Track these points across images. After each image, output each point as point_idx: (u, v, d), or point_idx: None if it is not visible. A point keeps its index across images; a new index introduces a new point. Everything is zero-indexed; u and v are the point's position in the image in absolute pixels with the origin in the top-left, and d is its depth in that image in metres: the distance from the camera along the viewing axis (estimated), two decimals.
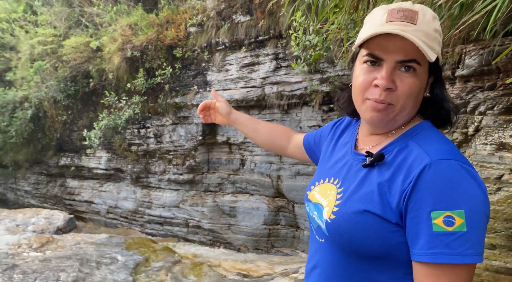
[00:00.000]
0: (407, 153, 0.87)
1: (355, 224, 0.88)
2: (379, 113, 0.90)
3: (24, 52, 9.22)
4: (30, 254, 3.56)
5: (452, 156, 0.82)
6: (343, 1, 1.78)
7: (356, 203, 0.89)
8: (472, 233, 0.77)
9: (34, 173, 10.76)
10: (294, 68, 5.15)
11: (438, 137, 0.90)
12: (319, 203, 1.00)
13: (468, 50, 2.19)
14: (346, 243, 0.91)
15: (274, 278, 3.09)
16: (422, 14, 0.88)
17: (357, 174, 0.95)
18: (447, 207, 0.77)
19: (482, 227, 0.80)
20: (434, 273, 0.79)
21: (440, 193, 0.78)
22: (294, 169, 6.73)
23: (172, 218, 8.16)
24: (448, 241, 0.77)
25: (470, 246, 0.77)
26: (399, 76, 0.88)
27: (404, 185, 0.83)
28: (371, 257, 0.88)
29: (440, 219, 0.77)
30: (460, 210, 0.77)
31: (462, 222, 0.76)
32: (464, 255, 0.76)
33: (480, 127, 1.95)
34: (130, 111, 7.84)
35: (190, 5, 7.41)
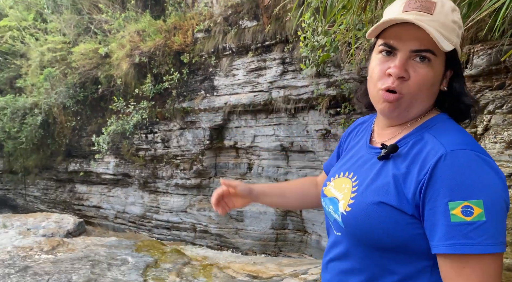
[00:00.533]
0: (423, 145, 0.87)
1: (371, 215, 0.87)
2: (390, 104, 0.90)
3: (34, 59, 9.37)
4: (42, 256, 3.61)
5: (469, 146, 0.82)
6: (351, 2, 1.81)
7: (371, 195, 0.89)
8: (492, 223, 0.76)
9: (43, 179, 10.87)
10: (301, 71, 5.18)
11: (454, 129, 0.89)
12: (335, 197, 1.01)
13: (476, 50, 2.20)
14: (362, 235, 0.90)
15: (284, 279, 3.09)
16: (441, 5, 0.87)
17: (372, 167, 0.94)
18: (465, 197, 0.76)
19: (502, 216, 0.79)
20: (458, 265, 0.78)
21: (457, 183, 0.77)
22: (301, 173, 6.74)
23: (179, 223, 8.19)
24: (467, 231, 0.76)
25: (490, 235, 0.76)
26: (413, 66, 0.88)
27: (420, 177, 0.82)
28: (387, 249, 0.88)
29: (458, 209, 0.76)
30: (479, 200, 0.76)
31: (481, 211, 0.76)
32: (484, 245, 0.76)
33: (489, 126, 1.95)
34: (138, 116, 7.91)
35: (197, 11, 7.50)
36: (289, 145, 6.75)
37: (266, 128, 6.98)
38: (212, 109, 7.42)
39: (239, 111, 7.11)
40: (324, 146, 6.34)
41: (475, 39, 2.28)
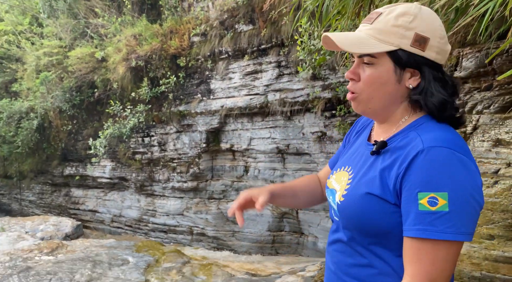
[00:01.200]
0: (408, 142, 0.96)
1: (359, 205, 0.98)
2: (353, 103, 1.06)
3: (30, 63, 9.39)
4: (42, 257, 3.64)
5: (446, 144, 0.90)
6: (345, 8, 1.90)
7: (361, 187, 1.00)
8: (455, 214, 0.85)
9: (39, 183, 10.85)
10: (297, 74, 5.27)
11: (438, 128, 0.97)
12: (334, 188, 1.12)
13: (465, 53, 2.30)
14: (352, 222, 1.01)
15: (282, 276, 3.16)
16: (386, 13, 0.99)
17: (366, 162, 1.05)
18: (432, 189, 0.86)
19: (468, 209, 0.87)
20: (416, 246, 0.88)
21: (427, 176, 0.87)
22: (297, 175, 6.81)
23: (176, 226, 8.22)
24: (431, 219, 0.86)
25: (451, 225, 0.85)
26: (362, 68, 1.02)
27: (400, 169, 0.92)
28: (375, 235, 0.98)
29: (425, 199, 0.86)
30: (444, 193, 0.85)
31: (445, 203, 0.85)
32: (443, 232, 0.85)
33: (477, 125, 2.04)
34: (135, 119, 7.96)
35: (193, 15, 7.58)
36: (285, 147, 6.83)
37: (262, 130, 7.06)
38: (209, 112, 7.49)
39: (236, 114, 7.18)
40: (320, 148, 6.43)
41: (464, 43, 2.38)
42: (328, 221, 6.25)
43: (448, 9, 1.61)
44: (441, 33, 1.00)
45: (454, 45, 2.25)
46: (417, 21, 0.97)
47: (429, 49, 0.98)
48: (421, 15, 0.98)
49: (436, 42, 0.98)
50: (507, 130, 1.83)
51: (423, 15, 0.98)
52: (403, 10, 0.98)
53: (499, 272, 1.75)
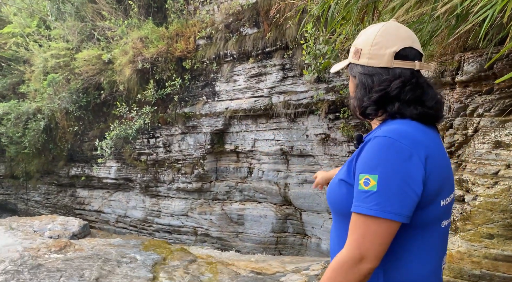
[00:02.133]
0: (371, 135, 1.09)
1: (334, 190, 1.14)
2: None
3: (38, 65, 9.51)
4: (52, 255, 3.72)
5: (390, 134, 1.01)
6: (350, 14, 1.96)
7: (337, 175, 1.16)
8: (381, 193, 0.97)
9: (45, 183, 10.96)
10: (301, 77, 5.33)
11: (397, 123, 1.07)
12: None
13: (467, 58, 2.36)
14: (332, 206, 1.17)
15: (286, 275, 3.21)
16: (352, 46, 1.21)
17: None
18: (366, 171, 1.00)
19: (396, 191, 0.97)
20: (353, 220, 1.01)
21: (365, 160, 1.01)
22: (301, 177, 6.86)
23: (180, 227, 8.29)
24: (363, 197, 0.99)
25: (377, 203, 0.97)
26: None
27: (354, 155, 1.08)
28: (347, 215, 1.07)
29: (362, 180, 1.00)
30: (375, 175, 0.98)
31: (374, 184, 0.98)
32: (369, 209, 0.97)
33: (478, 128, 2.10)
34: (141, 121, 8.04)
35: (199, 19, 7.67)
36: (289, 149, 6.88)
37: (266, 132, 7.12)
38: (213, 114, 7.56)
39: (240, 116, 7.25)
40: (324, 150, 6.48)
41: (465, 47, 2.44)
42: (331, 222, 6.30)
43: (449, 16, 1.67)
44: (373, 41, 1.13)
45: (455, 50, 2.30)
46: (359, 38, 1.17)
47: (362, 57, 1.15)
48: (365, 32, 1.17)
49: (367, 50, 1.13)
50: (506, 133, 1.88)
51: (366, 31, 1.16)
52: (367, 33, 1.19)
53: (498, 270, 1.80)
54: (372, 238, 0.98)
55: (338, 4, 2.12)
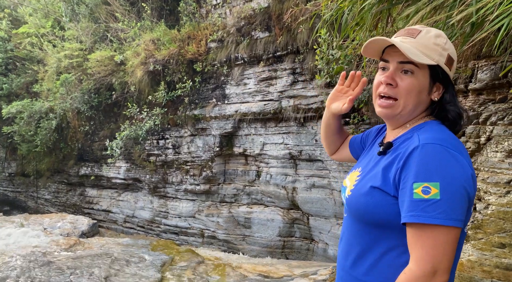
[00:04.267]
0: (409, 142, 1.07)
1: (363, 197, 1.10)
2: (385, 109, 1.14)
3: (51, 65, 9.66)
4: (62, 253, 3.77)
5: (439, 142, 1.01)
6: (363, 20, 1.97)
7: (366, 182, 1.13)
8: (445, 201, 0.95)
9: (55, 182, 11.09)
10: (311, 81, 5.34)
11: (438, 130, 1.08)
12: (345, 185, 1.26)
13: (481, 65, 2.35)
14: (357, 213, 1.14)
15: (294, 279, 3.21)
16: (425, 32, 1.11)
17: (373, 161, 1.19)
18: (425, 179, 0.97)
19: (459, 198, 0.97)
20: (417, 233, 0.97)
21: (421, 168, 0.98)
22: (309, 181, 6.85)
23: (187, 228, 8.31)
24: (424, 206, 0.96)
25: (442, 211, 0.95)
26: (400, 76, 1.11)
27: (399, 164, 1.04)
28: (376, 224, 1.09)
29: (419, 189, 0.97)
30: (436, 182, 0.96)
31: (437, 192, 0.95)
32: (436, 218, 0.95)
33: (491, 136, 2.09)
34: (151, 122, 8.11)
35: (211, 22, 7.73)
36: (297, 153, 6.88)
37: (275, 136, 7.13)
38: (223, 116, 7.60)
39: (249, 119, 7.28)
40: None
41: (479, 55, 2.43)
42: (339, 228, 6.27)
43: (464, 24, 1.67)
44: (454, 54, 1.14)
45: (469, 58, 2.30)
46: (449, 44, 1.12)
47: (452, 70, 1.13)
48: (448, 40, 1.13)
49: (455, 65, 1.14)
50: None
51: (449, 41, 1.13)
52: (438, 32, 1.12)
53: (509, 280, 1.78)
54: (443, 249, 0.96)
55: (352, 10, 2.13)
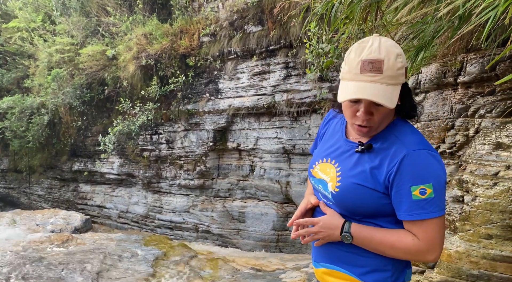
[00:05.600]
0: (389, 144, 1.23)
1: (353, 193, 1.25)
2: (364, 134, 1.27)
3: (42, 60, 9.55)
4: (54, 249, 3.76)
5: (422, 146, 1.20)
6: (353, 13, 1.97)
7: (352, 179, 1.26)
8: (437, 197, 1.17)
9: (48, 178, 11.03)
10: (304, 76, 5.34)
11: (410, 131, 1.26)
12: (323, 179, 1.36)
13: (469, 58, 2.36)
14: (348, 206, 1.29)
15: (286, 272, 3.24)
16: (387, 60, 1.16)
17: (351, 157, 1.30)
18: (421, 182, 1.16)
19: (443, 191, 1.20)
20: (418, 225, 1.20)
21: (415, 173, 1.17)
22: (302, 176, 6.88)
23: (182, 223, 8.32)
24: (422, 204, 1.17)
25: (436, 205, 1.18)
26: (375, 108, 1.21)
27: (389, 168, 1.20)
28: (365, 214, 1.27)
29: (417, 191, 1.17)
30: (429, 184, 1.16)
31: (431, 191, 1.16)
32: (433, 212, 1.18)
33: (479, 129, 2.10)
34: (144, 117, 8.08)
35: (203, 16, 7.67)
36: (291, 147, 6.90)
37: (269, 130, 7.13)
38: (216, 111, 7.58)
39: (243, 113, 7.27)
40: None
41: (468, 48, 2.44)
42: None
43: (452, 16, 1.67)
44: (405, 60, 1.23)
45: (458, 51, 2.31)
46: (403, 56, 1.20)
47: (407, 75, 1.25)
48: (401, 50, 1.21)
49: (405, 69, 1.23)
50: (507, 134, 1.89)
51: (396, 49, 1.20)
52: (397, 51, 1.19)
53: (496, 271, 1.81)
54: (440, 231, 1.20)
55: (342, 3, 2.13)
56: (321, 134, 1.54)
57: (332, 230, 1.29)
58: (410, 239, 1.21)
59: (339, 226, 1.28)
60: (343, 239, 1.28)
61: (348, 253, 1.31)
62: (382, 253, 1.26)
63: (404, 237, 1.22)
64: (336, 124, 1.46)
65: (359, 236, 1.26)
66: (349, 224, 1.27)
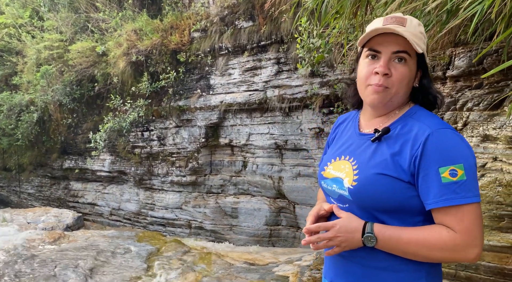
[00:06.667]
0: (410, 128, 1.11)
1: (375, 184, 1.11)
2: (378, 95, 1.14)
3: (31, 56, 9.42)
4: (46, 246, 3.74)
5: (446, 126, 1.09)
6: (343, 8, 1.99)
7: (372, 169, 1.13)
8: (470, 180, 1.03)
9: (38, 176, 10.91)
10: (295, 71, 5.36)
11: (430, 114, 1.16)
12: (337, 177, 1.22)
13: (458, 53, 2.39)
14: (368, 201, 1.13)
15: (279, 265, 3.27)
16: (410, 20, 1.14)
17: (367, 149, 1.18)
18: (451, 163, 1.02)
19: (475, 175, 1.05)
20: (451, 215, 1.03)
21: (443, 153, 1.03)
22: (295, 171, 6.91)
23: (174, 220, 8.31)
24: (454, 188, 1.02)
25: (469, 189, 1.03)
26: (394, 66, 1.12)
27: (413, 151, 1.07)
28: (388, 210, 1.11)
29: (446, 172, 1.02)
30: (460, 164, 1.02)
31: (462, 172, 1.02)
32: (467, 197, 1.02)
33: (467, 121, 2.14)
34: (135, 114, 8.03)
35: (193, 11, 7.64)
36: (283, 143, 6.92)
37: (261, 126, 7.15)
38: (208, 107, 7.57)
39: (235, 109, 7.27)
40: (318, 144, 6.53)
41: (457, 43, 2.48)
42: None
43: (440, 11, 1.70)
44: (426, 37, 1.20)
45: (447, 45, 2.34)
46: (424, 33, 1.17)
47: (427, 55, 1.18)
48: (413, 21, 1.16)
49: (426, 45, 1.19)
50: (494, 126, 1.93)
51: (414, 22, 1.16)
52: (418, 21, 1.16)
53: (483, 260, 1.85)
54: (478, 223, 1.04)
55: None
56: (331, 139, 1.43)
57: (352, 234, 1.10)
58: (445, 232, 1.03)
59: (359, 228, 1.10)
60: (366, 241, 1.08)
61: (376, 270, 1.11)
62: (414, 255, 1.06)
63: (437, 231, 1.04)
64: (347, 125, 1.35)
65: (384, 236, 1.07)
66: (372, 225, 1.10)
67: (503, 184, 1.81)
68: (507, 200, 1.79)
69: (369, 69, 1.14)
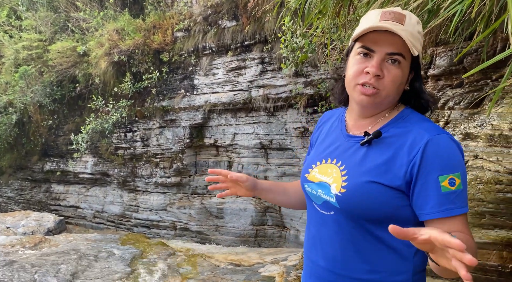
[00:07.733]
0: (403, 132, 1.05)
1: (365, 193, 1.03)
2: (368, 97, 1.06)
3: (9, 57, 9.18)
4: (26, 251, 3.63)
5: (443, 131, 1.04)
6: (326, 8, 1.99)
7: (363, 176, 1.05)
8: (464, 189, 0.99)
9: (18, 179, 10.65)
10: (280, 71, 5.37)
11: (424, 118, 1.09)
12: (324, 181, 1.13)
13: (439, 52, 2.43)
14: (357, 210, 1.05)
15: (265, 266, 3.26)
16: (409, 17, 1.05)
17: (356, 153, 1.10)
18: (450, 171, 0.97)
19: (467, 183, 1.03)
20: (448, 226, 0.96)
21: (444, 161, 0.98)
22: (280, 170, 6.92)
23: (159, 221, 8.23)
24: (453, 198, 0.97)
25: (464, 199, 0.99)
26: (387, 67, 1.04)
27: (410, 157, 1.00)
28: (377, 220, 1.04)
29: (446, 181, 0.97)
30: (458, 173, 0.98)
31: (459, 182, 0.98)
32: (462, 207, 0.98)
33: (449, 120, 2.17)
34: (117, 115, 7.90)
35: (176, 11, 7.56)
36: (268, 143, 6.92)
37: (246, 126, 7.13)
38: (192, 107, 7.51)
39: (219, 109, 7.23)
40: (302, 144, 6.55)
41: (438, 42, 2.51)
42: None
43: (421, 11, 1.71)
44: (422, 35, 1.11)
45: (428, 44, 2.37)
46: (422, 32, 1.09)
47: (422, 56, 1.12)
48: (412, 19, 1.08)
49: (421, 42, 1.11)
50: (475, 125, 1.96)
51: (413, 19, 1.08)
52: (416, 17, 1.08)
53: None
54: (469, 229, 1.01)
55: None
56: (314, 139, 1.33)
57: None
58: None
59: None
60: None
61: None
62: None
63: None
64: (332, 124, 1.26)
65: None
66: None
67: (484, 182, 1.84)
68: (488, 197, 1.82)
69: (360, 67, 1.06)
